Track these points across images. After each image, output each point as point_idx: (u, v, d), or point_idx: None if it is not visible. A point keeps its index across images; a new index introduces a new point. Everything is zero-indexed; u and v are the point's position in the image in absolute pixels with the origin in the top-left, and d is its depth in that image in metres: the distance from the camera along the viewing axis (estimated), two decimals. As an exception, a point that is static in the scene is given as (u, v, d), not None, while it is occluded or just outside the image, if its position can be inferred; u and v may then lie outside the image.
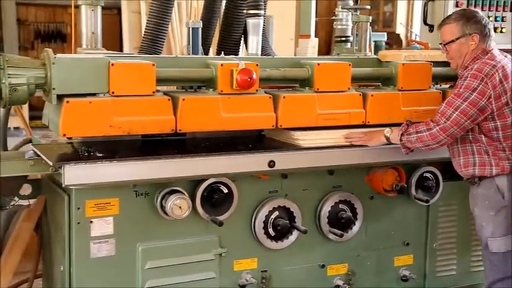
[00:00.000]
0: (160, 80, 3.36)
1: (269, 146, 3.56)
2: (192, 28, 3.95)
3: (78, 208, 3.16)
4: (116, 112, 3.21)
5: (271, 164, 3.36)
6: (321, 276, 3.79)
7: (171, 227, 3.35)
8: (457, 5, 4.34)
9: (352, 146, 3.58)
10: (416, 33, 12.74)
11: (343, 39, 5.11)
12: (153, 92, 3.31)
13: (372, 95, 3.76)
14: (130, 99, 3.25)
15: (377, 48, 5.01)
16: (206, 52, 4.28)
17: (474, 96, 3.28)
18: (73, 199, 3.16)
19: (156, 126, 3.32)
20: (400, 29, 14.37)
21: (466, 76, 3.35)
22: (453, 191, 3.99)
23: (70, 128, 3.17)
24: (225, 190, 3.39)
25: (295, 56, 4.93)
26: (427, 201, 3.88)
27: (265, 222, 3.54)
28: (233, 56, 3.89)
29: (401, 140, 3.44)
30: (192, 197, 3.32)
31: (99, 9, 3.70)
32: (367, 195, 3.84)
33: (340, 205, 3.73)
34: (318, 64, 3.66)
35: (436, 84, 4.16)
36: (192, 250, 3.41)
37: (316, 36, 5.24)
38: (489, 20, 3.55)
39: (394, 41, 13.36)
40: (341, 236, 3.69)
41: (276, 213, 3.56)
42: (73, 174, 2.99)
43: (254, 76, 3.42)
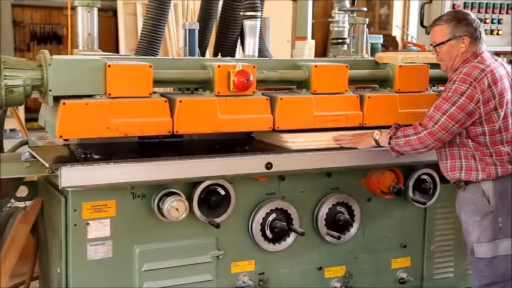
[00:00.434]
0: (157, 82, 3.35)
1: (264, 148, 3.55)
2: (189, 30, 3.94)
3: (74, 210, 3.15)
4: (113, 114, 3.20)
5: (268, 166, 3.36)
6: (319, 278, 3.78)
7: (168, 229, 3.34)
8: (454, 7, 4.34)
9: (349, 148, 3.57)
10: (412, 35, 12.76)
11: (339, 41, 5.11)
12: (150, 94, 3.30)
13: (369, 97, 3.76)
14: (127, 100, 3.24)
15: (373, 50, 4.99)
16: (203, 54, 4.27)
17: (462, 100, 3.24)
18: (70, 201, 3.15)
19: (153, 128, 3.31)
20: (396, 32, 14.39)
21: (455, 80, 3.30)
22: (450, 194, 3.95)
23: (67, 130, 3.15)
24: (222, 192, 3.39)
25: (292, 58, 4.93)
26: (425, 203, 3.89)
27: (262, 224, 3.53)
28: (230, 58, 3.88)
29: (389, 144, 3.42)
30: (189, 199, 3.31)
31: (95, 10, 3.70)
32: (364, 197, 3.84)
33: (337, 207, 3.73)
34: (315, 66, 3.66)
35: (433, 86, 4.16)
36: (189, 252, 3.40)
37: (312, 38, 5.23)
38: (481, 23, 3.51)
39: (390, 43, 13.37)
40: (338, 238, 3.69)
41: (274, 215, 3.55)
42: (70, 176, 2.97)
43: (251, 78, 3.41)
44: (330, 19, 5.27)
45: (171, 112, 3.33)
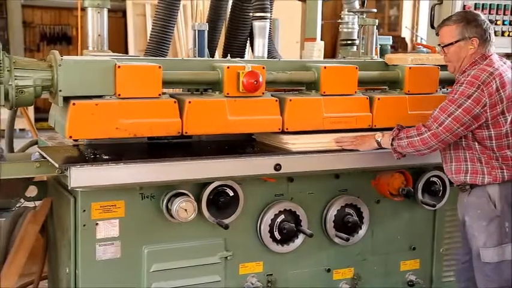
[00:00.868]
0: (166, 83, 3.36)
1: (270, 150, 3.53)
2: (198, 30, 3.94)
3: (84, 210, 3.15)
4: (122, 114, 3.21)
5: (277, 167, 3.35)
6: (327, 280, 3.77)
7: (177, 230, 3.34)
8: (464, 8, 4.32)
9: (355, 150, 3.54)
10: (422, 37, 12.71)
11: (349, 42, 5.09)
12: (159, 95, 3.31)
13: (379, 99, 3.75)
14: (136, 101, 3.25)
15: (382, 52, 4.97)
16: (212, 55, 4.27)
17: (468, 103, 3.21)
18: (79, 201, 3.15)
19: (162, 128, 3.32)
20: (406, 33, 14.34)
21: (462, 82, 3.27)
22: (460, 196, 3.97)
23: (76, 130, 3.16)
24: (231, 193, 3.38)
25: (301, 59, 4.92)
26: (434, 205, 3.87)
27: (271, 225, 3.53)
28: (239, 59, 3.88)
29: (392, 145, 3.39)
30: (198, 200, 3.31)
31: (105, 11, 3.71)
32: (373, 199, 3.83)
33: (346, 209, 3.72)
34: (325, 67, 3.65)
35: (443, 88, 4.14)
36: (198, 253, 3.40)
37: (321, 39, 5.22)
38: (492, 25, 3.49)
39: (400, 45, 13.34)
40: (347, 240, 3.68)
41: (282, 216, 3.55)
42: (79, 176, 2.98)
43: (260, 79, 3.41)
44: (340, 20, 5.25)
45: (180, 113, 3.33)
